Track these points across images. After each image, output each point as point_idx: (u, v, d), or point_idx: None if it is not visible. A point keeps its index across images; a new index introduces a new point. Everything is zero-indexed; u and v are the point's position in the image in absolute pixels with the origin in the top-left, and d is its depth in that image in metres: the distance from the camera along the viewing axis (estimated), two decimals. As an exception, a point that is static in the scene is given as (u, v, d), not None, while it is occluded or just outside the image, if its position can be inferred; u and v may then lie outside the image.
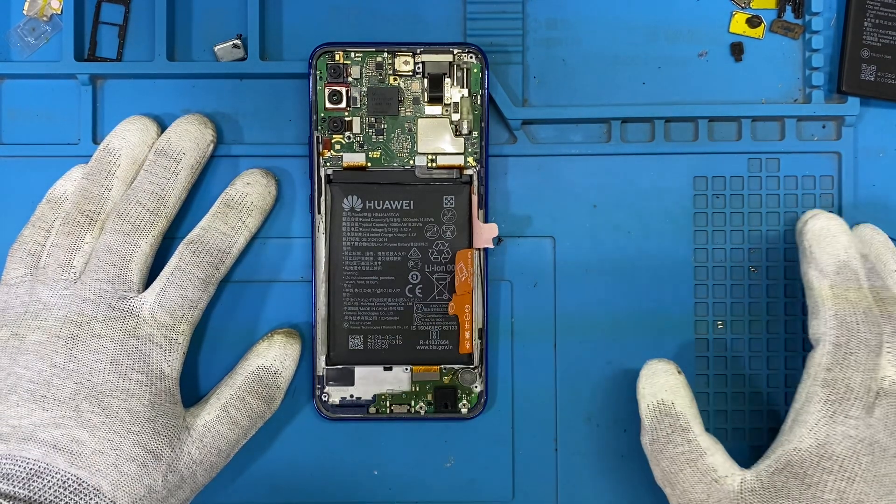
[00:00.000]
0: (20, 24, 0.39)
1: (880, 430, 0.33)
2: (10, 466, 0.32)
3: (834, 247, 0.34)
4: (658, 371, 0.35)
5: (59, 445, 0.32)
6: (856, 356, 0.33)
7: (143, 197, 0.35)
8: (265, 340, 0.37)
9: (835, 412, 0.33)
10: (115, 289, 0.34)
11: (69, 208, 0.35)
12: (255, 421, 0.36)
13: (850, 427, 0.32)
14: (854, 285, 0.34)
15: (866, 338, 0.33)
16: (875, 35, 0.38)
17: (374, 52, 0.37)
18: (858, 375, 0.33)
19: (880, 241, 0.36)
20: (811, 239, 0.34)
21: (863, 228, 0.36)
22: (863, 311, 0.33)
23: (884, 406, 0.33)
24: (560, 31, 0.39)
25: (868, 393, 0.33)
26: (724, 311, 0.39)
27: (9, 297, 0.35)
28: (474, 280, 0.38)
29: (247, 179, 0.37)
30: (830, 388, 0.33)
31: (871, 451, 0.32)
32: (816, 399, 0.33)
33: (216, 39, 0.39)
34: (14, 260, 0.36)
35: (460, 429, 0.39)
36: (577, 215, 0.39)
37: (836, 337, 0.33)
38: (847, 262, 0.34)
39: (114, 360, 0.34)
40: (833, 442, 0.32)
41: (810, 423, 0.33)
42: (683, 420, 0.34)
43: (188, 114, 0.37)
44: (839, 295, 0.34)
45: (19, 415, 0.33)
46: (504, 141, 0.39)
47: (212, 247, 0.36)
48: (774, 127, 0.39)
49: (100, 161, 0.36)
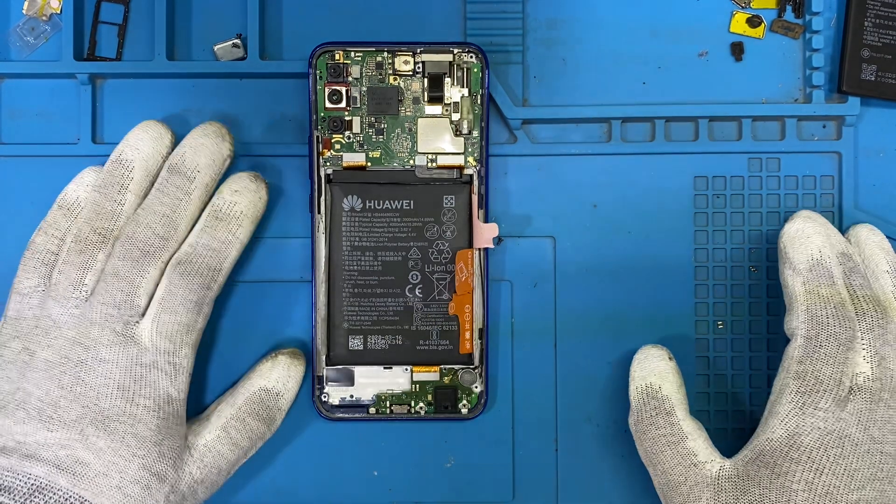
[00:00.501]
0: (20, 23, 0.39)
1: (852, 424, 0.33)
2: (11, 480, 0.31)
3: (807, 246, 0.35)
4: (650, 356, 0.36)
5: (63, 466, 0.32)
6: (825, 349, 0.34)
7: (153, 220, 0.34)
8: (269, 360, 0.37)
9: (804, 404, 0.33)
10: (121, 314, 0.34)
11: (81, 225, 0.34)
12: (255, 442, 0.36)
13: (818, 419, 0.33)
14: (826, 282, 0.34)
15: (836, 332, 0.34)
16: (875, 35, 0.38)
17: (374, 51, 0.37)
18: (828, 368, 0.33)
19: (875, 241, 0.36)
20: (786, 240, 0.36)
21: (859, 228, 0.37)
22: (833, 306, 0.34)
23: (857, 401, 0.33)
24: (560, 31, 0.39)
25: (838, 386, 0.33)
26: (724, 311, 0.39)
27: (21, 307, 0.35)
28: (474, 280, 0.38)
29: (234, 186, 0.35)
30: (801, 380, 0.34)
31: (841, 444, 0.33)
32: (788, 391, 0.34)
33: (216, 39, 0.39)
34: (26, 269, 0.35)
35: (460, 429, 0.39)
36: (577, 215, 0.39)
37: (806, 331, 0.34)
38: (820, 260, 0.35)
39: (120, 386, 0.33)
40: (802, 433, 0.33)
41: (781, 415, 0.34)
42: (668, 404, 0.35)
43: (205, 124, 0.36)
44: (811, 291, 0.34)
45: (25, 432, 0.32)
46: (504, 141, 0.39)
47: (202, 266, 0.34)
48: (775, 127, 0.39)
49: (111, 173, 0.35)
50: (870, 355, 0.34)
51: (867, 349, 0.34)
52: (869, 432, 0.33)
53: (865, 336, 0.34)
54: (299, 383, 0.37)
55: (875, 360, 0.34)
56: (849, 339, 0.34)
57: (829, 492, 0.32)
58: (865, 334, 0.34)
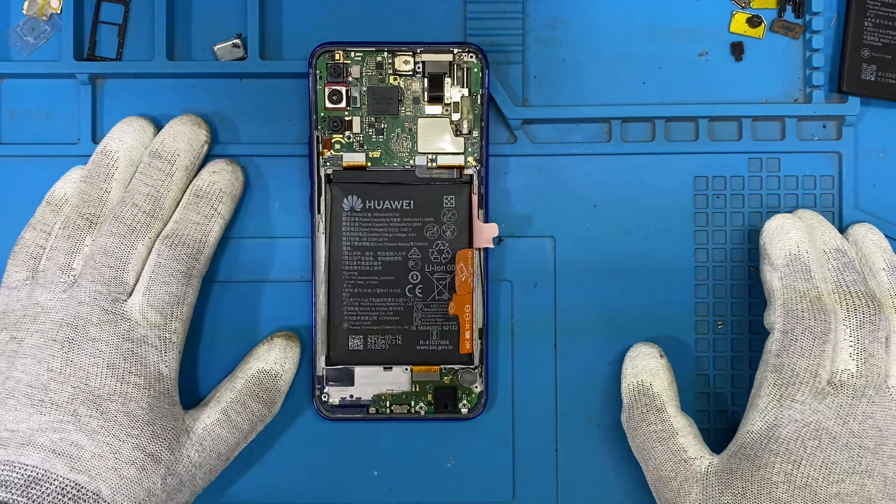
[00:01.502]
0: (20, 23, 0.39)
1: (830, 417, 0.33)
2: (7, 473, 0.32)
3: (785, 242, 0.35)
4: (641, 353, 0.37)
5: (58, 450, 0.32)
6: (801, 342, 0.34)
7: (139, 199, 0.35)
8: (265, 343, 0.37)
9: (782, 395, 0.34)
10: (109, 290, 0.34)
11: (68, 212, 0.35)
12: (256, 424, 0.36)
13: (796, 411, 0.34)
14: (802, 276, 0.35)
15: (811, 325, 0.34)
16: (875, 35, 0.38)
17: (374, 51, 0.37)
18: (804, 361, 0.34)
19: (873, 239, 0.37)
20: (766, 237, 0.36)
21: (857, 227, 0.37)
22: (809, 300, 0.34)
23: (839, 397, 0.34)
24: (560, 31, 0.39)
25: (815, 378, 0.34)
26: (724, 311, 0.39)
27: (10, 301, 0.35)
28: (474, 280, 0.38)
29: (212, 168, 0.37)
30: (778, 372, 0.34)
31: (818, 437, 0.33)
32: (766, 384, 0.34)
33: (216, 39, 0.39)
34: (15, 263, 0.36)
35: (460, 429, 0.39)
36: (577, 215, 0.39)
37: (783, 324, 0.35)
38: (797, 255, 0.35)
39: (110, 364, 0.33)
40: (780, 425, 0.34)
41: (760, 407, 0.34)
42: (659, 400, 0.36)
43: (182, 115, 0.37)
44: (788, 286, 0.35)
45: (17, 419, 0.32)
46: (504, 141, 0.39)
47: (188, 238, 0.35)
48: (775, 127, 0.39)
49: (97, 164, 0.36)
50: (856, 352, 0.34)
51: (854, 346, 0.34)
52: (848, 426, 0.33)
53: (854, 332, 0.34)
54: (296, 365, 0.37)
55: (862, 356, 0.34)
56: (824, 332, 0.34)
57: (808, 484, 0.33)
58: (854, 331, 0.34)
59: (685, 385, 0.39)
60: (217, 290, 0.38)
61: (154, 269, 0.35)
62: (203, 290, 0.37)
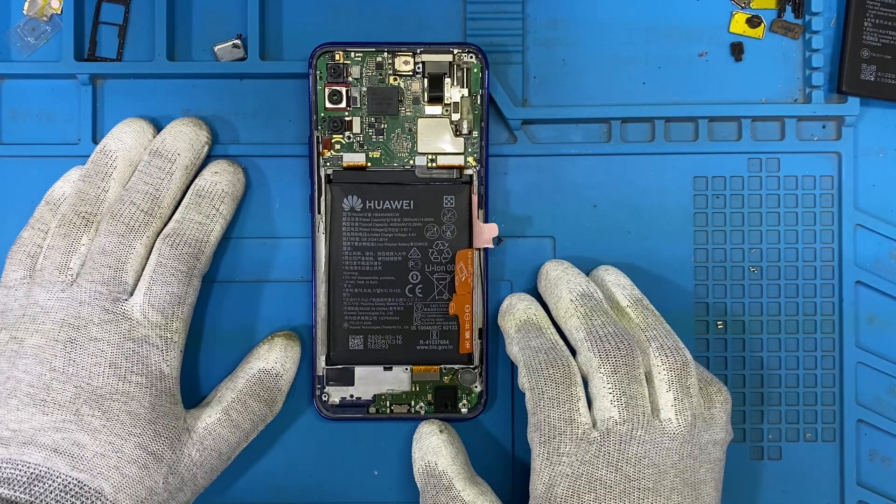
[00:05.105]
0: (20, 23, 0.39)
1: (601, 467, 0.33)
2: (10, 471, 0.32)
3: (513, 315, 0.36)
4: (423, 434, 0.37)
5: (60, 449, 0.32)
6: (548, 393, 0.34)
7: (138, 197, 0.35)
8: (266, 343, 0.37)
9: (549, 453, 0.33)
10: (109, 290, 0.34)
11: (65, 210, 0.35)
12: (257, 424, 0.36)
13: (565, 465, 0.33)
14: (535, 335, 0.35)
15: (551, 373, 0.34)
16: (875, 35, 0.38)
17: (374, 51, 0.37)
18: (556, 410, 0.33)
19: (611, 280, 0.37)
20: (499, 319, 0.37)
21: (596, 271, 0.37)
22: (545, 352, 0.34)
23: (607, 444, 0.33)
24: (560, 31, 0.39)
25: (572, 425, 0.33)
26: (724, 311, 0.39)
27: (8, 300, 0.35)
28: (474, 280, 0.38)
29: (214, 169, 0.37)
30: (539, 430, 0.34)
31: (593, 489, 0.32)
32: (534, 445, 0.34)
33: (216, 39, 0.39)
34: (13, 262, 0.36)
35: (460, 429, 0.39)
36: (577, 215, 0.39)
37: (529, 383, 0.34)
38: (527, 321, 0.36)
39: (112, 364, 0.33)
40: (555, 484, 0.33)
41: (536, 469, 0.34)
42: (445, 479, 0.35)
43: (183, 116, 0.37)
44: (524, 347, 0.35)
45: (19, 419, 0.33)
46: (504, 141, 0.39)
47: (189, 238, 0.35)
48: (774, 127, 0.39)
49: (96, 163, 0.36)
50: (616, 398, 0.33)
51: (613, 392, 0.33)
52: (622, 472, 0.33)
53: (611, 378, 0.33)
54: (297, 364, 0.37)
55: (622, 401, 0.33)
56: (566, 376, 0.34)
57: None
58: (610, 377, 0.33)
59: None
60: (218, 290, 0.38)
61: (155, 269, 0.35)
62: (204, 290, 0.37)
